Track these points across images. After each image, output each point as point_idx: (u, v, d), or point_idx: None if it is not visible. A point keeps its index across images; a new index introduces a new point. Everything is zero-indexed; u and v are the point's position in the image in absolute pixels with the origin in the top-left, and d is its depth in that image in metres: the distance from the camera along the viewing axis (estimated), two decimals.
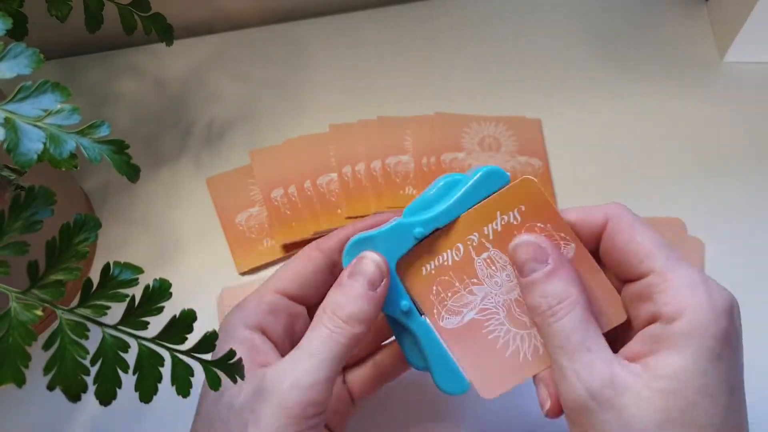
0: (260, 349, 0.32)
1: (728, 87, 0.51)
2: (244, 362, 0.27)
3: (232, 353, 0.26)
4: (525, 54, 0.54)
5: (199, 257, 0.46)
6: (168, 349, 0.25)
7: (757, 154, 0.48)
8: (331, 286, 0.33)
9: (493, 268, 0.33)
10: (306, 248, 0.36)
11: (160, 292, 0.25)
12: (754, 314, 0.43)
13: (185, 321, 0.25)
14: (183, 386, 0.25)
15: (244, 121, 0.52)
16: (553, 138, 0.50)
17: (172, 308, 0.26)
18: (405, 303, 0.32)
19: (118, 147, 0.27)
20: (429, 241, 0.32)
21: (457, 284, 0.33)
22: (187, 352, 0.25)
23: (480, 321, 0.33)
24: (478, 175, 0.31)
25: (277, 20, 0.57)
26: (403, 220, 0.32)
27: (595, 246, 0.32)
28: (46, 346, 0.24)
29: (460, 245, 0.32)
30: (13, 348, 0.23)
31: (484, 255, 0.33)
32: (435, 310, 0.33)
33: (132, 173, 0.28)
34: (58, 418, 0.40)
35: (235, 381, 0.26)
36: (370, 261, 0.32)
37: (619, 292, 0.32)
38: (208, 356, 0.26)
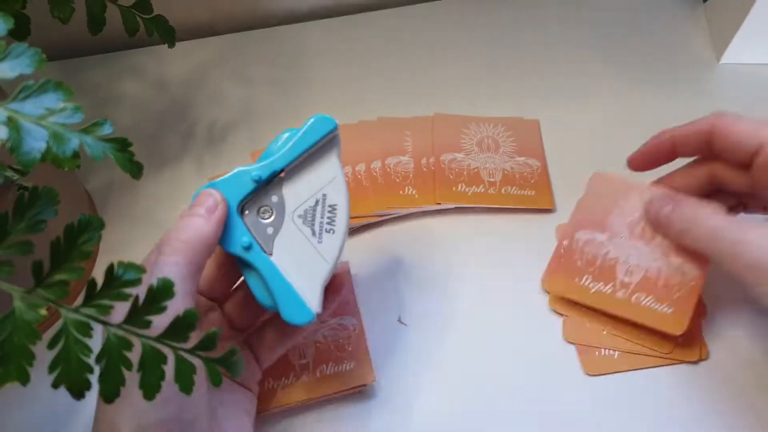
0: None
1: (725, 88, 0.52)
2: None
3: (233, 350, 0.26)
4: (524, 55, 0.55)
5: None
6: (171, 347, 0.25)
7: None
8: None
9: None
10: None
11: (164, 291, 0.25)
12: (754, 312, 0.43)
13: (188, 320, 0.25)
14: (186, 383, 0.25)
15: (245, 122, 0.52)
16: (550, 139, 0.50)
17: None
18: (245, 239, 0.33)
19: (121, 144, 0.28)
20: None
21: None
22: (190, 351, 0.25)
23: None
24: (307, 123, 0.34)
25: (277, 22, 0.58)
26: (242, 168, 0.34)
27: (705, 147, 0.38)
28: (51, 345, 0.24)
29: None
30: (18, 347, 0.24)
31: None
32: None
33: (135, 170, 0.28)
34: (62, 416, 0.41)
35: (236, 377, 0.26)
36: (206, 193, 0.33)
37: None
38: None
